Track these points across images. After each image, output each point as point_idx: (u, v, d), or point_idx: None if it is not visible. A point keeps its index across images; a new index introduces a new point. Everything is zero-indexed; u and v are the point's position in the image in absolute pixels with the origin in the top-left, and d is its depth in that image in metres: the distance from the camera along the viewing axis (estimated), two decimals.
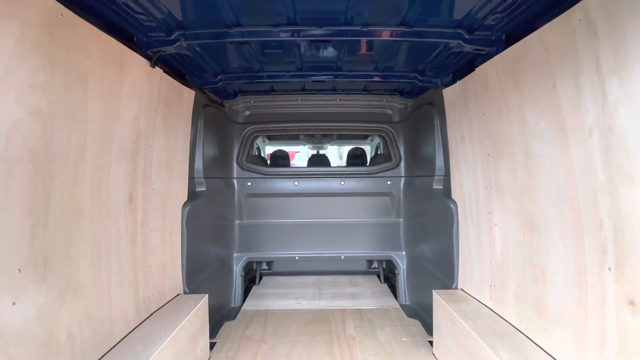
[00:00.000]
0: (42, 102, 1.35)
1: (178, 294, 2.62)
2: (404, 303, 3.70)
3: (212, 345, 2.73)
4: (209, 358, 2.60)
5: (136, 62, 2.03)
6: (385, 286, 4.14)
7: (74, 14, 1.49)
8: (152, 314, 2.24)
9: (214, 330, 2.92)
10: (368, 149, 5.81)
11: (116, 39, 1.80)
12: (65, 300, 1.52)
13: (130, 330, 2.00)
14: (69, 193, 1.54)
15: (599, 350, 1.42)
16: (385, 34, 2.04)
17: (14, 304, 1.26)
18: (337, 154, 9.75)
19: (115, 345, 1.84)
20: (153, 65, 2.17)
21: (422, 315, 3.20)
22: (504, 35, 1.95)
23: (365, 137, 5.54)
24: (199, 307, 2.42)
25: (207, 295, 2.60)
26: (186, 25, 2.02)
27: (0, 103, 1.18)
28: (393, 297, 3.82)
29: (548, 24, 1.57)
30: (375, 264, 4.50)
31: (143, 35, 2.02)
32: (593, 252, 1.44)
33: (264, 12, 1.86)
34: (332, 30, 2.03)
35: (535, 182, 1.80)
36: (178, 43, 2.11)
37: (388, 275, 4.32)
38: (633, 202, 1.25)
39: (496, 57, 2.00)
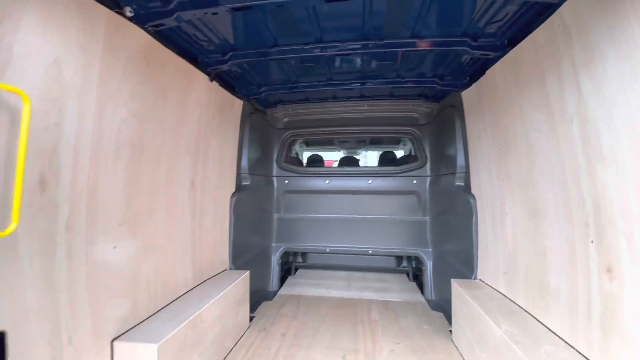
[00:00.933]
0: (139, 107, 1.91)
1: (224, 269, 3.11)
2: (430, 298, 3.83)
3: (251, 319, 3.17)
4: (249, 327, 3.03)
5: (199, 78, 2.59)
6: (413, 284, 4.28)
7: (159, 43, 2.06)
8: (204, 281, 2.74)
9: (253, 307, 3.36)
10: (401, 154, 6.00)
11: (186, 60, 2.37)
12: (146, 254, 2.04)
13: (188, 289, 2.50)
14: (151, 175, 2.08)
15: (587, 318, 1.56)
16: (399, 46, 2.37)
17: (114, 247, 1.78)
18: (376, 161, 9.94)
19: (177, 298, 2.34)
20: (211, 80, 2.73)
21: (445, 308, 3.33)
22: (506, 40, 2.17)
23: (397, 142, 5.76)
24: (242, 279, 2.88)
25: (249, 271, 3.05)
26: (237, 47, 2.53)
27: (114, 107, 1.73)
28: (420, 294, 3.96)
29: (537, 29, 1.79)
30: (404, 263, 4.66)
31: (205, 57, 2.58)
32: (579, 228, 1.60)
33: (296, 33, 2.30)
34: (353, 45, 2.41)
35: (535, 170, 1.97)
36: (230, 62, 2.63)
37: (417, 274, 4.46)
38: (605, 180, 1.43)
39: (500, 60, 2.23)
